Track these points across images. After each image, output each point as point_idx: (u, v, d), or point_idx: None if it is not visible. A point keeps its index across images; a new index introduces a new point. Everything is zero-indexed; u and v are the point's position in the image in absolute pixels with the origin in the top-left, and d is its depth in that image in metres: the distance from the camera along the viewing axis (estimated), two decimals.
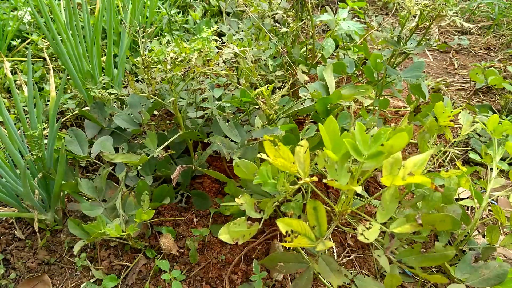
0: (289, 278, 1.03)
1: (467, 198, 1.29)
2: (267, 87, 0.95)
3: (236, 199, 0.74)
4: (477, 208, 0.99)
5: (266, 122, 1.03)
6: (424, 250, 1.14)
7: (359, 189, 0.61)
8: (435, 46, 2.11)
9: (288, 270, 0.81)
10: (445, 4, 1.12)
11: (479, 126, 1.09)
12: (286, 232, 0.64)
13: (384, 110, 1.38)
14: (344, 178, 0.65)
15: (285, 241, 0.64)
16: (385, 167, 0.65)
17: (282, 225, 0.64)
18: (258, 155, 0.67)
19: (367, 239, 0.62)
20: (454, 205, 0.90)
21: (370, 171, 0.68)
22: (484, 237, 1.11)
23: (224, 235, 0.72)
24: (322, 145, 1.02)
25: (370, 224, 0.65)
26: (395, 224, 0.66)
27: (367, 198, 1.09)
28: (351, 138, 0.61)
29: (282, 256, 0.82)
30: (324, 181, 0.64)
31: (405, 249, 0.76)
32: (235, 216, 1.11)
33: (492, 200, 1.30)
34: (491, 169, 1.00)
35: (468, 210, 1.29)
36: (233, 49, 0.95)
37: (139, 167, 1.10)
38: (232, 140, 1.04)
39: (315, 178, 0.64)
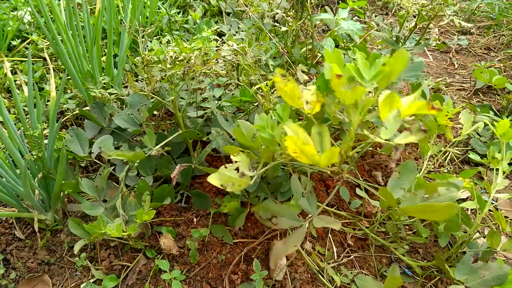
0: (289, 278, 1.03)
1: (467, 198, 1.29)
2: (266, 83, 0.95)
3: (232, 156, 0.73)
4: (479, 213, 0.99)
5: None
6: (426, 259, 1.14)
7: (368, 89, 0.62)
8: (434, 46, 2.11)
9: (281, 224, 0.78)
10: (443, 3, 1.12)
11: (480, 126, 1.09)
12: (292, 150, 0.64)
13: None
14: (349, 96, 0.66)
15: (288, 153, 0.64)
16: (380, 98, 0.65)
17: (289, 129, 0.65)
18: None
19: (381, 137, 0.62)
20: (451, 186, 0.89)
21: (374, 100, 0.66)
22: (485, 238, 1.11)
23: (214, 179, 0.71)
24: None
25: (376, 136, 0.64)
26: (399, 136, 0.64)
27: (368, 199, 1.09)
28: (354, 64, 0.64)
29: (277, 208, 0.79)
30: (331, 80, 0.63)
31: (409, 196, 0.75)
32: (232, 214, 1.11)
33: (493, 201, 1.30)
34: (497, 170, 1.00)
35: (468, 211, 1.29)
36: (232, 46, 0.95)
37: (139, 167, 1.10)
38: (232, 139, 1.04)
39: (318, 107, 0.65)
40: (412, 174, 0.85)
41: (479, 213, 0.96)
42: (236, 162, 0.73)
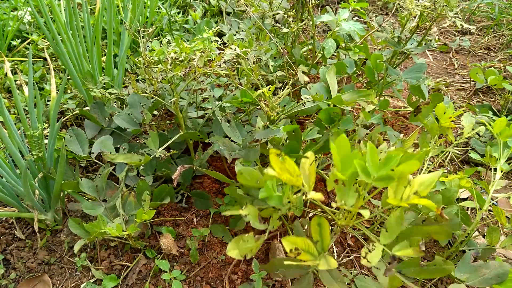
0: (289, 278, 1.03)
1: (467, 198, 1.29)
2: (269, 88, 0.95)
3: (240, 211, 0.74)
4: (479, 210, 0.99)
5: (267, 123, 1.03)
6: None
7: (366, 214, 0.62)
8: (435, 47, 2.11)
9: (288, 275, 0.82)
10: (446, 5, 1.12)
11: (482, 130, 1.09)
12: (290, 249, 0.65)
13: (384, 110, 1.38)
14: (351, 198, 0.66)
15: (289, 257, 0.66)
16: (390, 186, 0.65)
17: (287, 243, 0.66)
18: (263, 168, 0.68)
19: (370, 262, 0.63)
20: (453, 208, 0.91)
21: (376, 191, 0.68)
22: (484, 237, 1.11)
23: (232, 251, 0.73)
24: (324, 150, 1.02)
25: (373, 245, 0.66)
26: (398, 247, 0.66)
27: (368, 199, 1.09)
28: (361, 159, 0.61)
29: (281, 262, 0.82)
30: (333, 204, 0.64)
31: (404, 262, 0.77)
32: (234, 216, 1.11)
33: (492, 200, 1.30)
34: (495, 169, 1.00)
35: (468, 210, 1.29)
36: (235, 50, 0.95)
37: (140, 167, 1.10)
38: (233, 141, 1.04)
39: (320, 196, 0.64)
40: None
41: (479, 211, 0.96)
42: (245, 216, 0.74)
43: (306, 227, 0.99)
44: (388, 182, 0.60)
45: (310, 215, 1.15)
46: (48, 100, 1.55)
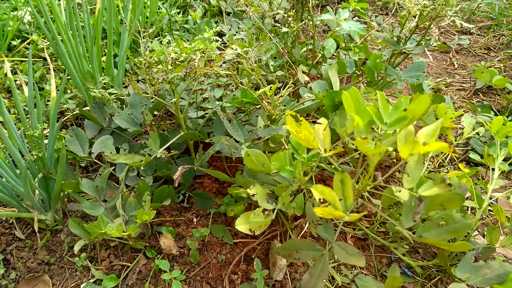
0: (289, 278, 1.03)
1: (467, 198, 1.29)
2: (270, 87, 0.95)
3: (248, 190, 0.74)
4: (478, 209, 0.99)
5: (268, 122, 1.03)
6: (426, 259, 1.14)
7: (390, 148, 0.62)
8: (435, 47, 2.11)
9: (303, 257, 0.81)
10: (445, 4, 1.12)
11: (482, 131, 1.09)
12: (319, 199, 0.65)
13: None
14: (370, 144, 0.66)
15: (317, 208, 0.65)
16: (400, 140, 0.65)
17: (316, 192, 0.66)
18: (284, 127, 0.68)
19: (401, 197, 0.62)
20: (459, 182, 0.90)
21: (393, 139, 0.67)
22: (484, 237, 1.11)
23: (241, 225, 0.72)
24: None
25: (399, 188, 0.65)
26: (423, 188, 0.65)
27: (367, 197, 1.09)
28: (374, 106, 0.63)
29: (296, 244, 0.81)
30: (356, 141, 0.63)
31: (424, 224, 0.76)
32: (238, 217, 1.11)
33: (492, 200, 1.30)
34: (493, 169, 1.00)
35: (468, 210, 1.29)
36: (235, 50, 0.95)
37: (140, 168, 1.10)
38: (235, 140, 1.04)
39: (340, 149, 0.65)
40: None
41: (478, 210, 0.97)
42: (253, 195, 0.74)
43: (306, 227, 0.99)
44: (402, 124, 0.61)
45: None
46: (48, 100, 1.55)
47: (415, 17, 1.28)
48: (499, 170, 1.00)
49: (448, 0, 1.10)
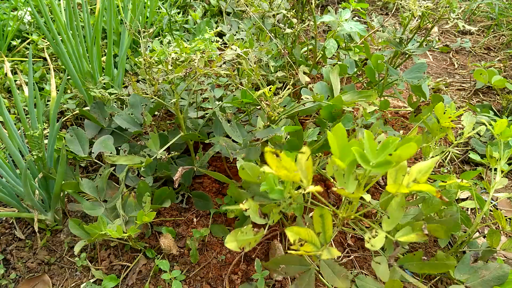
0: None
1: (467, 198, 1.29)
2: (270, 88, 0.95)
3: (241, 205, 0.74)
4: (479, 212, 0.99)
5: (268, 123, 1.03)
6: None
7: (367, 197, 0.62)
8: (437, 49, 2.11)
9: (289, 272, 0.82)
10: (448, 6, 1.12)
11: (482, 129, 1.09)
12: (294, 240, 0.65)
13: (385, 110, 1.38)
14: (351, 185, 0.66)
15: (292, 249, 0.65)
16: (389, 174, 0.65)
17: (291, 234, 0.66)
18: (262, 165, 0.68)
19: (374, 246, 0.63)
20: (453, 208, 0.91)
21: (377, 178, 0.68)
22: (485, 238, 1.11)
23: (231, 243, 0.72)
24: (325, 148, 1.02)
25: (376, 232, 0.66)
26: (401, 233, 0.66)
27: (369, 201, 1.09)
28: (359, 146, 0.61)
29: (284, 259, 0.82)
30: (334, 189, 0.64)
31: (406, 256, 0.77)
32: (239, 218, 1.11)
33: (493, 200, 1.30)
34: (495, 169, 1.00)
35: (468, 211, 1.29)
36: (235, 50, 0.95)
37: (141, 168, 1.10)
38: (233, 141, 1.04)
39: (319, 188, 0.64)
40: None
41: (479, 213, 0.96)
42: (245, 210, 0.74)
43: (307, 224, 0.99)
44: (386, 167, 0.60)
45: (311, 214, 1.15)
46: (48, 100, 1.55)
47: (415, 17, 1.28)
48: (502, 171, 1.00)
49: (451, 3, 1.10)
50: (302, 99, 1.09)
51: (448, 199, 0.91)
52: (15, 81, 1.62)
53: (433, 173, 1.39)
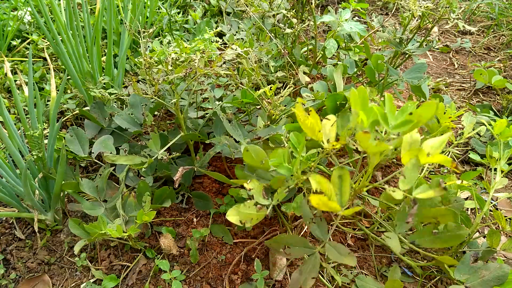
0: (289, 278, 1.03)
1: (467, 198, 1.29)
2: (270, 87, 0.95)
3: (245, 184, 0.73)
4: (478, 209, 0.99)
5: (268, 122, 1.03)
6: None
7: (391, 146, 0.62)
8: (437, 49, 2.11)
9: (294, 254, 0.80)
10: (448, 6, 1.12)
11: (482, 129, 1.09)
12: (316, 189, 0.64)
13: None
14: (372, 142, 0.65)
15: (313, 201, 0.64)
16: (404, 146, 0.65)
17: (313, 181, 0.65)
18: (292, 108, 0.67)
19: (395, 193, 0.63)
20: (457, 197, 0.90)
21: (397, 142, 0.67)
22: (484, 238, 1.11)
23: (232, 216, 0.71)
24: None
25: (393, 189, 0.65)
26: (419, 190, 0.65)
27: (368, 199, 1.09)
28: (381, 107, 0.62)
29: (288, 239, 0.81)
30: (358, 134, 0.62)
31: (417, 231, 0.76)
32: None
33: (493, 201, 1.30)
34: (495, 169, 1.00)
35: (468, 211, 1.29)
36: (236, 50, 0.95)
37: (139, 168, 1.10)
38: (235, 140, 1.04)
39: (343, 141, 0.65)
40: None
41: (479, 213, 0.96)
42: (250, 190, 0.73)
43: (306, 227, 0.99)
44: (407, 127, 0.60)
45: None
46: (48, 100, 1.55)
47: (415, 17, 1.28)
48: (502, 171, 1.00)
49: (451, 3, 1.10)
50: (304, 96, 1.09)
51: (448, 201, 0.91)
52: (15, 81, 1.62)
53: (433, 173, 1.39)
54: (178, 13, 2.11)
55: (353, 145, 0.68)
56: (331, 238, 1.15)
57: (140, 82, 1.40)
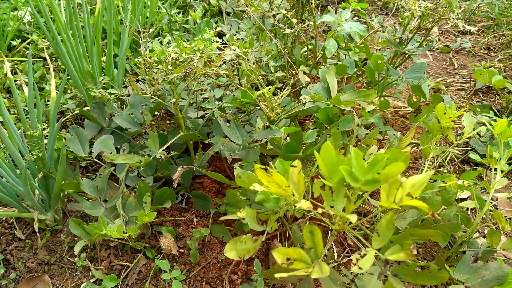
0: None
1: (467, 198, 1.29)
2: (269, 88, 0.95)
3: (238, 213, 0.74)
4: (479, 212, 0.99)
5: (267, 123, 1.03)
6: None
7: (354, 218, 0.62)
8: (437, 49, 2.11)
9: (289, 281, 0.82)
10: (448, 6, 1.12)
11: (483, 130, 1.09)
12: (281, 261, 0.66)
13: (385, 110, 1.38)
14: (340, 203, 0.66)
15: (282, 268, 0.66)
16: (383, 188, 0.65)
17: (278, 255, 0.66)
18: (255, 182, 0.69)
19: (361, 269, 0.63)
20: (452, 210, 0.91)
21: (366, 196, 0.69)
22: (484, 238, 1.11)
23: (230, 252, 0.73)
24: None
25: (365, 250, 0.66)
26: (390, 251, 0.67)
27: (368, 199, 1.09)
28: (348, 164, 0.61)
29: (281, 268, 0.82)
30: (319, 211, 0.64)
31: (400, 266, 0.77)
32: (241, 222, 1.11)
33: (493, 200, 1.30)
34: (495, 169, 1.00)
35: (468, 211, 1.29)
36: (235, 50, 0.95)
37: (140, 168, 1.10)
38: (232, 141, 1.04)
39: (308, 204, 0.65)
40: None
41: (479, 213, 0.96)
42: (243, 218, 0.74)
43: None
44: (375, 186, 0.61)
45: (309, 215, 1.15)
46: (48, 100, 1.55)
47: (414, 17, 1.28)
48: (502, 171, 1.00)
49: (451, 3, 1.10)
50: (302, 99, 1.09)
51: (446, 198, 0.91)
52: (15, 81, 1.62)
53: (434, 173, 1.39)
54: (178, 13, 2.11)
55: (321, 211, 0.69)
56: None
57: (140, 82, 1.39)
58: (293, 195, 0.68)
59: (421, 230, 0.79)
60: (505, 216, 1.16)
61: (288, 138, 1.02)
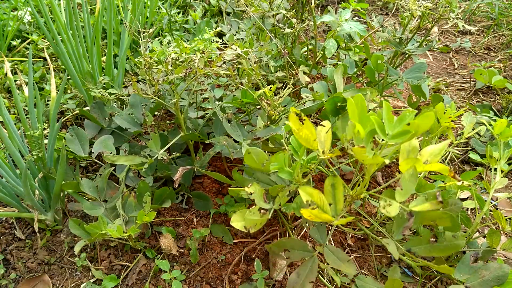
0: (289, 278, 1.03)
1: (467, 198, 1.29)
2: (270, 87, 0.95)
3: (246, 188, 0.73)
4: (478, 209, 0.99)
5: (268, 122, 1.03)
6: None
7: (387, 161, 0.61)
8: (437, 49, 2.11)
9: (293, 257, 0.81)
10: (448, 6, 1.12)
11: (482, 129, 1.09)
12: (306, 201, 0.64)
13: None
14: (369, 153, 0.65)
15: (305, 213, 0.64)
16: (402, 154, 0.65)
17: (303, 193, 0.65)
18: (285, 125, 0.66)
19: (389, 213, 0.62)
20: (455, 200, 0.90)
21: (394, 150, 0.67)
22: (484, 238, 1.11)
23: (237, 222, 0.72)
24: None
25: (389, 201, 0.64)
26: (414, 203, 0.65)
27: (368, 199, 1.09)
28: (378, 116, 0.61)
29: (288, 242, 0.81)
30: (354, 149, 0.62)
31: (414, 238, 0.76)
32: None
33: (493, 200, 1.30)
34: (495, 169, 1.00)
35: (468, 211, 1.29)
36: (235, 50, 0.95)
37: (139, 168, 1.10)
38: (234, 140, 1.04)
39: (337, 152, 0.65)
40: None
41: (479, 213, 0.96)
42: (250, 194, 0.73)
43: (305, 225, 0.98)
44: (404, 137, 0.60)
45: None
46: (48, 100, 1.55)
47: (414, 17, 1.28)
48: (502, 171, 1.00)
49: (451, 3, 1.10)
50: (302, 99, 1.09)
51: (446, 198, 0.90)
52: (15, 81, 1.62)
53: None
54: (178, 13, 2.11)
55: (351, 151, 0.68)
56: (331, 239, 1.15)
57: (140, 82, 1.40)
58: (318, 149, 0.67)
59: (430, 212, 0.77)
60: (505, 216, 1.16)
61: (289, 137, 1.02)
